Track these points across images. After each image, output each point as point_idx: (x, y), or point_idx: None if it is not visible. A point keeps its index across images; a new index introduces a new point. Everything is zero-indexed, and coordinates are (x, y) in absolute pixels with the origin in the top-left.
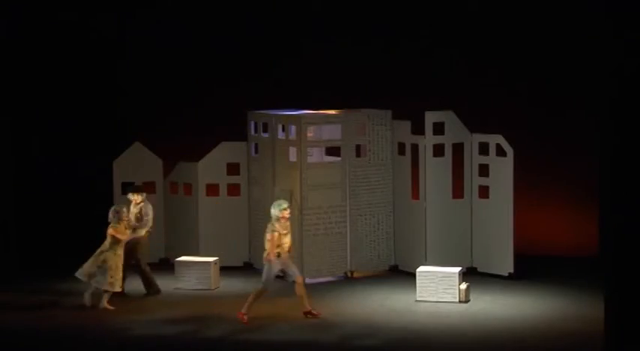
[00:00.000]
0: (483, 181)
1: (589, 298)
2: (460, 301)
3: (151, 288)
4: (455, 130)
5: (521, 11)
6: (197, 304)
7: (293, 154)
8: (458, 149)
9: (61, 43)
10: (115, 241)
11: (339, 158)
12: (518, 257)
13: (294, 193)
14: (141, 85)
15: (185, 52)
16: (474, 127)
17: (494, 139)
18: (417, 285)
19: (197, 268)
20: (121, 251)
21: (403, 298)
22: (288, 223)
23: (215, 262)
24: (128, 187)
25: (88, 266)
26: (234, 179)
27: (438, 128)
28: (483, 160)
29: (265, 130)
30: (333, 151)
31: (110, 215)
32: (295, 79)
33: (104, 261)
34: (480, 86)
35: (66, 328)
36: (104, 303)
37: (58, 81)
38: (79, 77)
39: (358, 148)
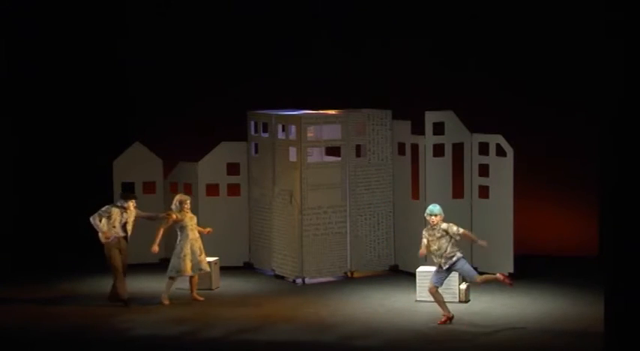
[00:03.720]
0: (483, 181)
1: (589, 298)
2: (460, 301)
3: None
4: (455, 130)
5: (521, 11)
6: (197, 304)
7: (293, 154)
8: (458, 149)
9: (61, 42)
10: (181, 227)
11: (339, 158)
12: (518, 257)
13: (294, 193)
14: (141, 85)
15: (185, 52)
16: (474, 127)
17: (494, 139)
18: (417, 285)
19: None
20: (193, 235)
21: (403, 298)
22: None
23: (215, 262)
24: (126, 193)
25: (172, 262)
26: (234, 179)
27: (438, 128)
28: (483, 160)
29: (265, 130)
30: (333, 151)
31: (176, 204)
32: (295, 79)
33: (180, 249)
34: (480, 86)
35: (66, 328)
36: (165, 295)
37: (59, 81)
38: (79, 77)
39: (358, 148)
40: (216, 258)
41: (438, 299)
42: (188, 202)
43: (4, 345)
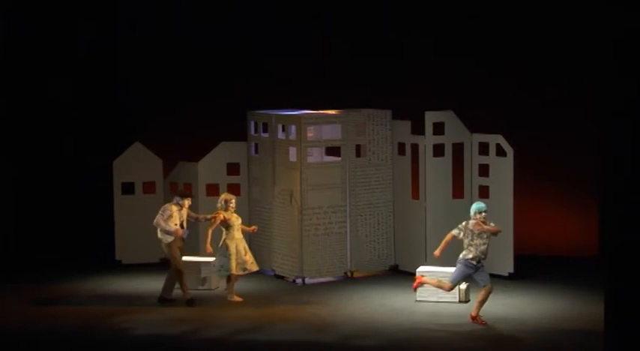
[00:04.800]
0: (483, 181)
1: (589, 298)
2: (460, 301)
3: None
4: (455, 130)
5: (521, 11)
6: (197, 304)
7: (293, 154)
8: (458, 149)
9: (61, 42)
10: (227, 226)
11: (339, 158)
12: (518, 257)
13: (294, 193)
14: (141, 85)
15: (185, 52)
16: (474, 127)
17: (494, 139)
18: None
19: (197, 268)
20: (238, 234)
21: (403, 298)
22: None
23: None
24: (182, 193)
25: (217, 261)
26: (234, 179)
27: (438, 128)
28: (483, 160)
29: (265, 130)
30: (333, 151)
31: (221, 203)
32: (295, 79)
33: (226, 248)
34: (480, 86)
35: (66, 328)
36: (231, 293)
37: (58, 81)
38: (79, 77)
39: (358, 148)
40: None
41: (440, 284)
42: (233, 201)
43: (4, 345)
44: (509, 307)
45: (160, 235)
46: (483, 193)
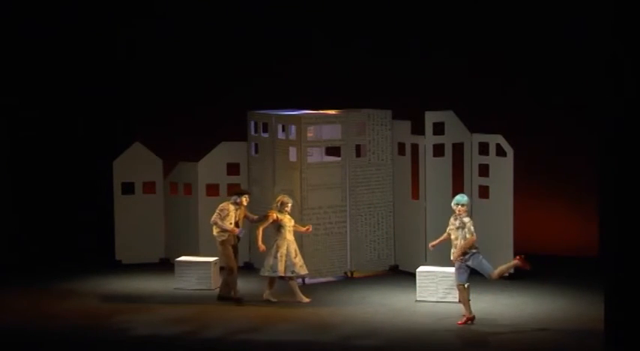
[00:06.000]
0: (483, 181)
1: (589, 298)
2: (460, 301)
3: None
4: (455, 130)
5: (521, 11)
6: (197, 304)
7: (293, 154)
8: (458, 149)
9: (61, 42)
10: (279, 227)
11: (339, 158)
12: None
13: (294, 193)
14: (141, 85)
15: (186, 52)
16: (474, 127)
17: (494, 139)
18: (417, 285)
19: (197, 268)
20: (290, 236)
21: (403, 298)
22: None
23: (215, 262)
24: (238, 191)
25: (267, 261)
26: (234, 179)
27: (438, 128)
28: (483, 160)
29: (265, 130)
30: (333, 151)
31: (277, 204)
32: (295, 79)
33: (277, 249)
34: (480, 86)
35: (66, 329)
36: (298, 295)
37: (58, 81)
38: (79, 77)
39: (358, 148)
40: (217, 258)
41: (464, 298)
42: (290, 204)
43: (4, 345)
44: (509, 307)
45: (214, 232)
46: (483, 193)
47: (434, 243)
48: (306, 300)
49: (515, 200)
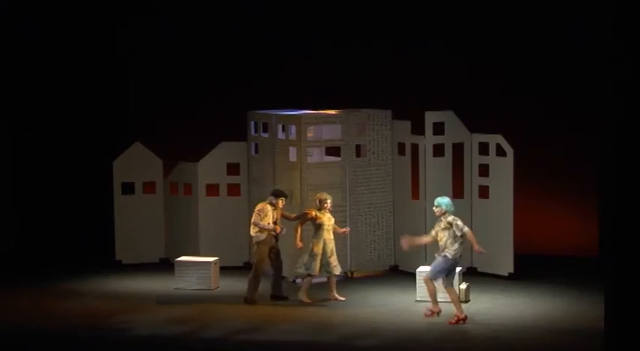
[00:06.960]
0: (483, 181)
1: (589, 298)
2: (460, 301)
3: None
4: (455, 130)
5: (521, 11)
6: (197, 304)
7: (293, 154)
8: (458, 149)
9: (61, 42)
10: (317, 226)
11: (339, 158)
12: (518, 257)
13: (294, 193)
14: (141, 85)
15: (185, 52)
16: (474, 127)
17: (494, 139)
18: (417, 285)
19: (197, 268)
20: (328, 235)
21: (403, 298)
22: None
23: (215, 262)
24: (276, 192)
25: (302, 259)
26: (234, 179)
27: (438, 128)
28: (483, 160)
29: (265, 130)
30: (333, 151)
31: (316, 202)
32: (295, 79)
33: (312, 248)
34: (480, 86)
35: (66, 329)
36: (334, 293)
37: (58, 81)
38: (79, 77)
39: (358, 148)
40: (216, 258)
41: (453, 298)
42: (329, 201)
43: (5, 345)
44: (509, 307)
45: (252, 232)
46: (483, 193)
47: (412, 243)
48: (307, 300)
49: (515, 200)
